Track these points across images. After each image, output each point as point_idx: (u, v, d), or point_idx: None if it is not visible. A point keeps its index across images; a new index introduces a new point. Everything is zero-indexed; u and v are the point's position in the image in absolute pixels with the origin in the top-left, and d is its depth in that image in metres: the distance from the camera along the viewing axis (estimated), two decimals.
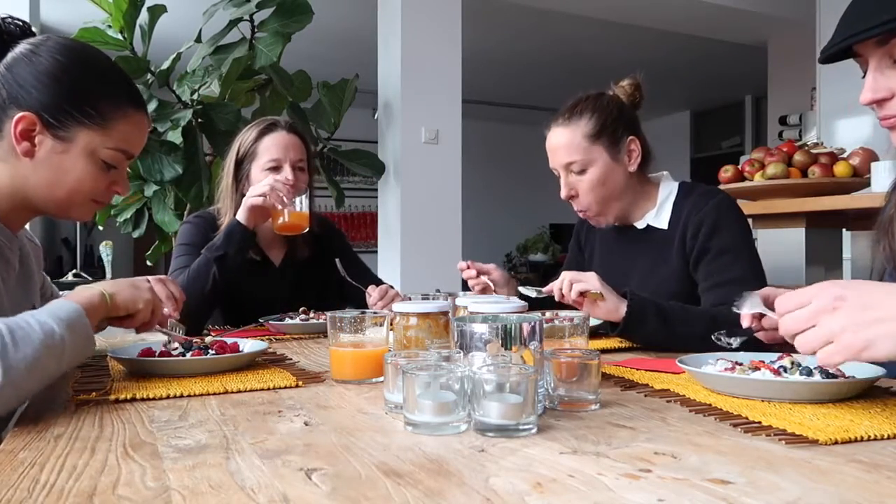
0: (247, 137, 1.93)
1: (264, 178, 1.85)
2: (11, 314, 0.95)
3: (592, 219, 1.64)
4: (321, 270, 2.04)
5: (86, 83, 1.12)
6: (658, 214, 1.60)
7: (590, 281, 1.32)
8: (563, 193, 1.61)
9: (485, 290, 1.69)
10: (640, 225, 1.63)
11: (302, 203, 1.80)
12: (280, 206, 1.77)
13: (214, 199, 2.05)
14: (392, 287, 1.86)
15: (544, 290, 1.40)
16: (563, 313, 1.10)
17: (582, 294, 1.32)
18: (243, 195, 1.90)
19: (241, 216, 1.78)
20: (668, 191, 1.62)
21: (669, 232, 1.58)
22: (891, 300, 0.73)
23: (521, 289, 1.51)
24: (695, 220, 1.52)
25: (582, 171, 1.57)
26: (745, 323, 1.02)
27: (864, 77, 1.01)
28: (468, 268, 1.69)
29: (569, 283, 1.33)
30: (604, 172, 1.57)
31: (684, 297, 1.49)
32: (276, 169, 1.87)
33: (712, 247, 1.49)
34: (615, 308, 1.32)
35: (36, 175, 1.11)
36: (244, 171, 1.92)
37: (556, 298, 1.35)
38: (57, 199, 1.14)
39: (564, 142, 1.57)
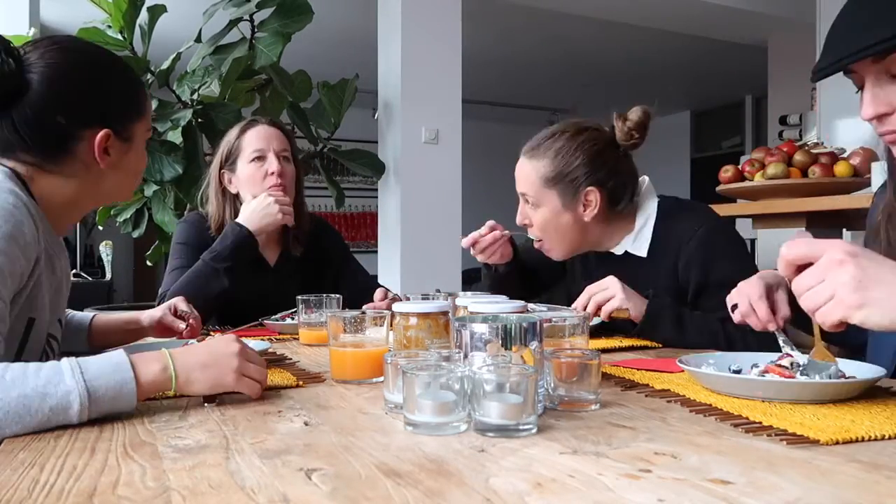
0: (230, 137, 1.97)
1: (250, 171, 1.90)
2: (50, 326, 0.95)
3: (544, 251, 1.63)
4: (316, 269, 2.04)
5: (127, 83, 1.16)
6: (636, 241, 1.56)
7: (614, 294, 1.36)
8: (518, 219, 1.63)
9: (503, 250, 1.74)
10: (617, 251, 1.59)
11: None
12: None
13: (200, 203, 2.06)
14: (389, 290, 1.88)
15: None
16: (564, 313, 1.11)
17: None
18: (234, 195, 1.95)
19: (252, 226, 1.82)
20: (645, 216, 1.56)
21: (649, 259, 1.54)
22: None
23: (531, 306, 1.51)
24: (686, 252, 1.48)
25: (535, 206, 1.58)
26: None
27: (857, 92, 1.01)
28: (473, 242, 1.73)
29: (594, 304, 1.38)
30: (552, 217, 1.55)
31: None
32: (260, 159, 1.90)
33: (711, 282, 1.45)
34: (638, 314, 1.38)
35: (108, 181, 1.14)
36: (232, 169, 1.95)
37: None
38: (124, 192, 1.22)
39: (523, 174, 1.60)
